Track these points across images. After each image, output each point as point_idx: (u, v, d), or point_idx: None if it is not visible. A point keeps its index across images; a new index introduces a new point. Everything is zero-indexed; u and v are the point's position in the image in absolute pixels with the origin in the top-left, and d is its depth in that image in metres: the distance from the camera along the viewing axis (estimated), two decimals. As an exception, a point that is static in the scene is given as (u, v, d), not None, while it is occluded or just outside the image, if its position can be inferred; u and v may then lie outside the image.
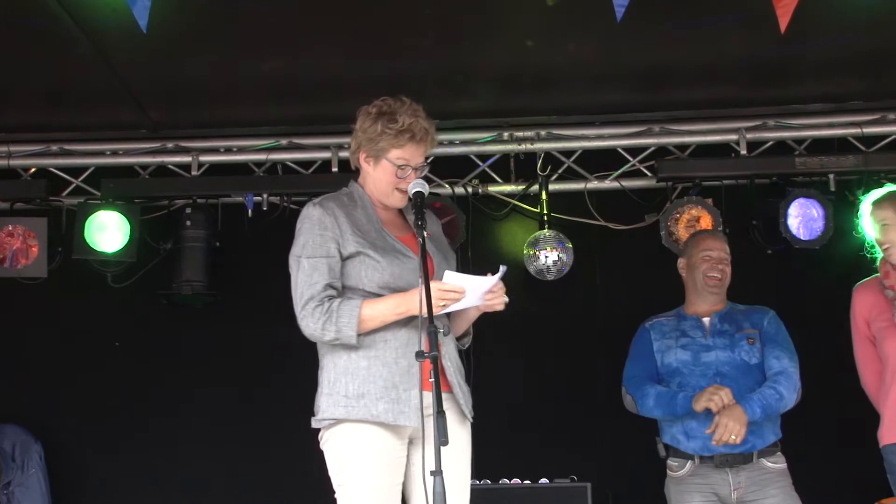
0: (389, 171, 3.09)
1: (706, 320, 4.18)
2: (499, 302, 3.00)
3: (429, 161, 3.17)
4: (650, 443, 5.04)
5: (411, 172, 3.09)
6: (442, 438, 2.58)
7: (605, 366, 5.29)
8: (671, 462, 4.12)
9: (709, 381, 4.00)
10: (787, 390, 4.00)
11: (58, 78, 4.60)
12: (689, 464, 4.04)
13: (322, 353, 3.09)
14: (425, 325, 2.76)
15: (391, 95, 3.14)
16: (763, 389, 3.99)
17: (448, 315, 3.14)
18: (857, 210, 4.10)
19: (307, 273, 3.01)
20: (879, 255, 4.02)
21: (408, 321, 2.98)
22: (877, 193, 4.08)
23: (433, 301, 2.83)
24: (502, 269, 2.95)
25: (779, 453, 4.03)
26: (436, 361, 2.70)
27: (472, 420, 3.10)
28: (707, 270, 4.19)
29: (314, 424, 3.04)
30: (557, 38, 4.35)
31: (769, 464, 3.99)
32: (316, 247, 3.03)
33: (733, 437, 3.85)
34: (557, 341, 5.35)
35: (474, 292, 2.97)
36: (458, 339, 3.20)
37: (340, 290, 3.03)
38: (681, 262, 4.34)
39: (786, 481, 4.01)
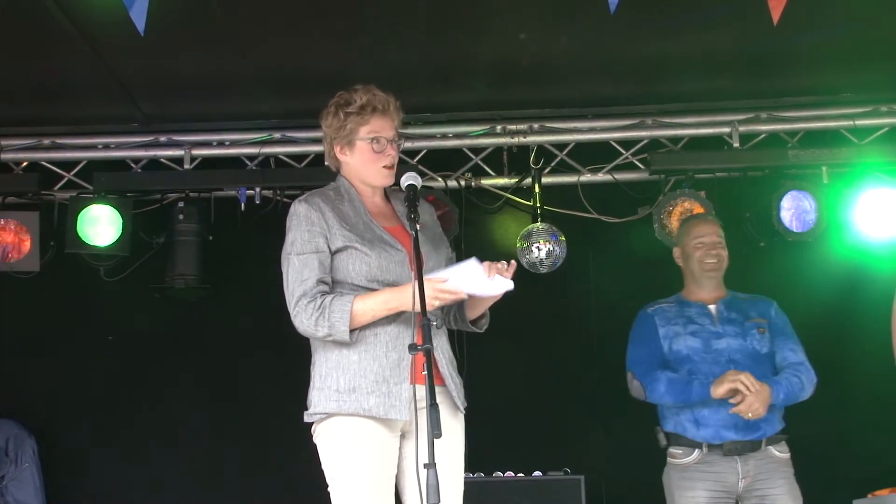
0: (365, 150, 3.10)
1: (712, 307, 4.13)
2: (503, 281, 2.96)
3: (404, 140, 3.17)
4: (643, 435, 5.06)
5: (387, 145, 3.10)
6: (435, 431, 2.58)
7: (598, 358, 5.31)
8: (674, 450, 4.05)
9: (722, 368, 3.95)
10: (808, 382, 4.00)
11: (49, 72, 4.59)
12: (696, 452, 3.98)
13: (314, 348, 3.09)
14: (418, 318, 2.76)
15: (382, 88, 3.15)
16: (788, 376, 3.97)
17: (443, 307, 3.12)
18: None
19: (297, 270, 3.00)
20: None
21: (398, 315, 2.98)
22: None
23: (428, 298, 2.83)
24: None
25: (784, 442, 4.01)
26: (429, 354, 2.70)
27: (463, 411, 3.10)
28: (702, 257, 4.15)
29: (306, 419, 3.04)
30: (550, 30, 4.35)
31: (776, 452, 3.97)
32: (305, 243, 3.02)
33: (750, 414, 3.84)
34: (551, 334, 5.36)
35: (468, 283, 2.96)
36: (475, 322, 3.17)
37: (331, 284, 3.03)
38: (676, 252, 4.29)
39: (789, 471, 3.99)
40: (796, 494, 3.98)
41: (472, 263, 2.96)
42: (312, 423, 3.04)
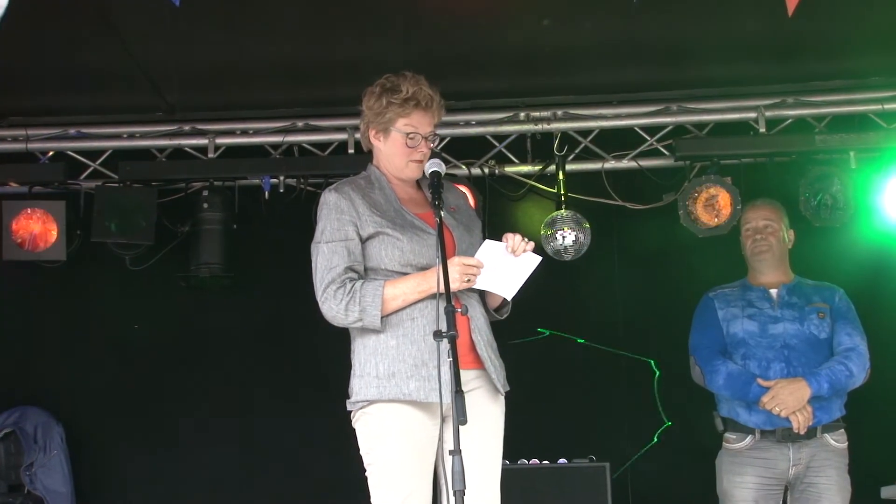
0: (399, 142, 3.09)
1: (774, 291, 4.11)
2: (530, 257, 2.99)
3: (438, 135, 3.17)
4: (669, 423, 5.05)
5: (421, 141, 3.09)
6: (461, 418, 2.58)
7: (622, 345, 5.29)
8: (728, 435, 4.04)
9: (776, 354, 3.96)
10: (858, 367, 3.96)
11: (75, 62, 4.61)
12: (748, 438, 3.97)
13: (353, 336, 3.09)
14: (455, 303, 2.76)
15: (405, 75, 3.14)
16: (833, 365, 3.94)
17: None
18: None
19: (326, 257, 3.01)
20: None
21: (434, 299, 2.95)
22: None
23: (457, 277, 2.85)
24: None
25: (842, 430, 3.98)
26: (453, 341, 2.70)
27: (503, 393, 3.08)
28: (750, 244, 4.17)
29: (349, 407, 3.04)
30: (574, 16, 4.33)
31: (832, 441, 3.94)
32: (334, 231, 3.03)
33: (777, 408, 3.83)
34: (575, 322, 5.35)
35: (504, 264, 2.95)
36: (497, 310, 3.17)
37: (362, 273, 3.03)
38: (741, 240, 4.31)
39: (843, 462, 3.96)
40: (844, 486, 3.94)
41: (488, 244, 2.96)
42: (351, 410, 3.04)
